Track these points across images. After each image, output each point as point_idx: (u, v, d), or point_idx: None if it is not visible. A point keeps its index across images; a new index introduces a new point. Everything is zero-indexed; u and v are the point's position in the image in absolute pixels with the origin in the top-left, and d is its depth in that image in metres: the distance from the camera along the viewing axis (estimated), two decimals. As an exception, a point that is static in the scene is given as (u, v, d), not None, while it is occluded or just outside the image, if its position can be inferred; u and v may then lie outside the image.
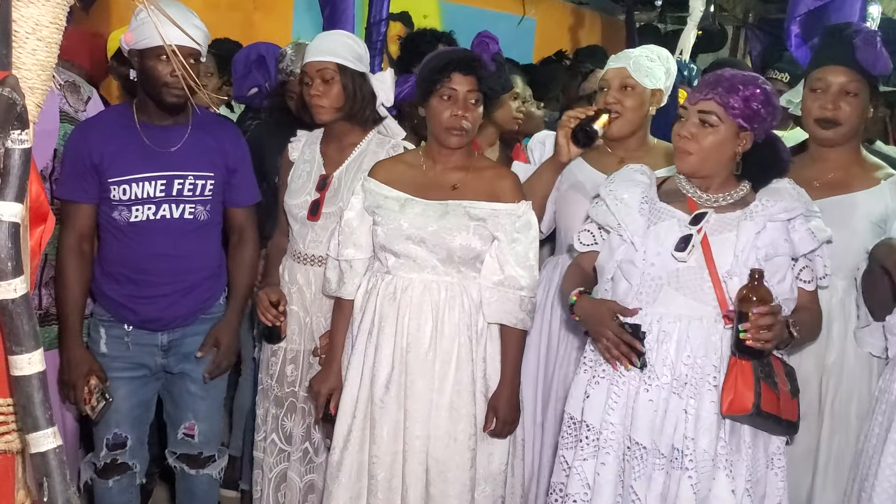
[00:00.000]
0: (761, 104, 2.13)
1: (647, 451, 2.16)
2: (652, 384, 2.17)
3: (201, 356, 2.70)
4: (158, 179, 2.56)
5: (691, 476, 2.10)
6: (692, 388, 2.13)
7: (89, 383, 2.54)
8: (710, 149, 2.15)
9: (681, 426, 2.13)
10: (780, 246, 2.13)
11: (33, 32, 1.10)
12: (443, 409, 2.41)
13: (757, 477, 2.16)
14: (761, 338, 2.00)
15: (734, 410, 2.05)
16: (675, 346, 2.15)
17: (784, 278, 2.14)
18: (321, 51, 2.67)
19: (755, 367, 2.06)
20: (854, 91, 2.51)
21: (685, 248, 2.13)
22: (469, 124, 2.40)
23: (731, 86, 2.13)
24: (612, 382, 2.22)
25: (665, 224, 2.20)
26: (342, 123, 2.73)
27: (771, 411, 2.06)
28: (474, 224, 2.40)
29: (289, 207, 2.78)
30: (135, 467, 2.72)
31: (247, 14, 5.57)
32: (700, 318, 2.15)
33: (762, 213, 2.13)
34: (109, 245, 2.62)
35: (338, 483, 2.46)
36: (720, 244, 2.15)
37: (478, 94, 2.40)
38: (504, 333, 2.48)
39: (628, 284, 2.21)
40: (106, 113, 2.75)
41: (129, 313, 2.63)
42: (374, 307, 2.46)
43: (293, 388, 2.78)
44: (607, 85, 2.78)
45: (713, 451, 2.11)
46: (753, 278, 2.02)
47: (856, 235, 2.48)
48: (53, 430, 1.05)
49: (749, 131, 2.15)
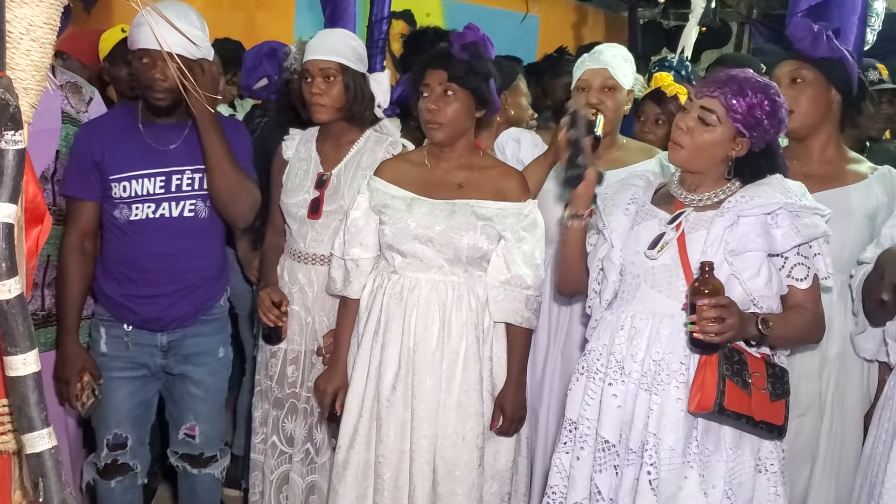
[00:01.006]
0: (766, 115, 2.09)
1: (610, 445, 2.16)
2: (616, 380, 2.17)
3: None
4: (157, 176, 2.58)
5: (650, 472, 2.08)
6: (659, 384, 2.11)
7: (82, 380, 2.56)
8: (703, 147, 2.13)
9: (647, 422, 2.12)
10: (751, 241, 2.09)
11: (27, 33, 1.10)
12: (451, 408, 2.41)
13: (741, 480, 2.11)
14: (709, 330, 1.95)
15: (699, 408, 2.03)
16: (645, 342, 2.15)
17: (757, 274, 2.09)
18: (324, 49, 2.67)
19: (720, 364, 2.02)
20: (801, 78, 2.56)
21: (657, 245, 2.13)
22: (445, 117, 2.39)
23: (739, 89, 2.09)
24: (588, 378, 2.23)
25: (646, 224, 2.21)
26: (340, 122, 2.72)
27: (738, 410, 2.02)
28: (481, 223, 2.40)
29: (286, 206, 2.77)
30: (136, 467, 2.72)
31: (249, 13, 5.58)
32: (672, 315, 2.13)
33: (734, 208, 2.11)
34: (111, 244, 2.64)
35: (344, 482, 2.46)
36: (694, 241, 2.14)
37: (453, 87, 2.38)
38: (510, 332, 2.49)
39: (607, 282, 2.24)
40: (112, 112, 2.80)
41: (128, 313, 2.63)
42: (381, 307, 2.46)
43: (294, 389, 2.77)
44: (587, 85, 2.80)
45: (682, 449, 2.08)
46: (704, 270, 1.99)
47: (850, 229, 2.51)
48: (49, 430, 1.05)
49: (746, 138, 2.12)
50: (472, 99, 2.42)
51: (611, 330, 2.22)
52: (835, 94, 2.58)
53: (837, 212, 2.42)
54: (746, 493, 2.12)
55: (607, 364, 2.19)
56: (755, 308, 2.10)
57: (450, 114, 2.39)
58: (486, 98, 2.43)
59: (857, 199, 2.54)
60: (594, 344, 2.26)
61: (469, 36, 2.41)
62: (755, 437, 2.13)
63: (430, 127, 2.41)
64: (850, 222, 2.51)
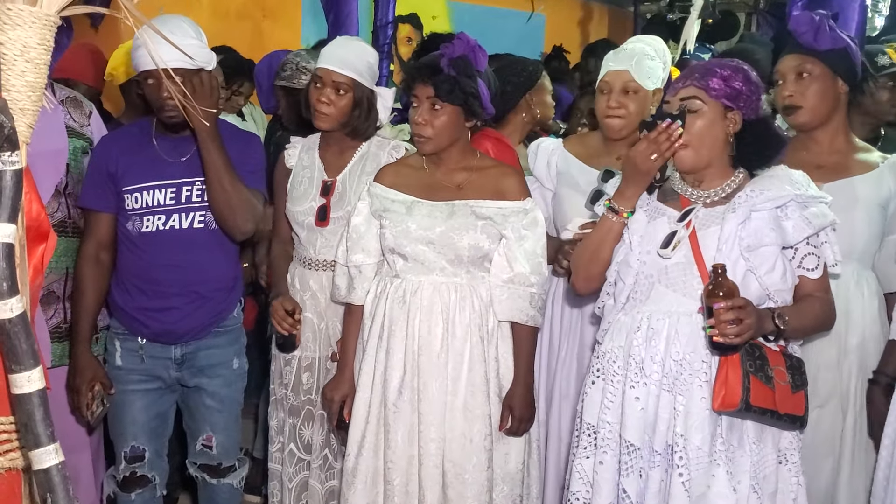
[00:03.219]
0: (742, 82, 2.12)
1: (636, 448, 2.14)
2: (638, 382, 2.15)
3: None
4: (168, 187, 2.61)
5: (682, 473, 2.07)
6: (682, 384, 2.10)
7: (93, 389, 2.59)
8: (702, 134, 2.12)
9: (673, 423, 2.11)
10: (766, 236, 2.09)
11: (21, 54, 1.11)
12: (457, 410, 2.41)
13: (765, 473, 2.11)
14: (728, 332, 1.96)
15: (725, 406, 2.03)
16: (664, 342, 2.13)
17: (773, 269, 2.09)
18: (342, 61, 2.68)
19: (744, 361, 2.02)
20: (808, 72, 2.54)
21: (669, 244, 2.12)
22: (431, 131, 2.39)
23: (706, 70, 2.14)
24: (606, 381, 2.21)
25: (656, 222, 2.20)
26: (341, 133, 2.75)
27: (764, 406, 2.02)
28: (482, 223, 2.41)
29: (293, 214, 2.78)
30: (154, 479, 2.73)
31: (256, 22, 5.60)
32: (689, 314, 2.12)
33: (745, 203, 2.10)
34: (124, 257, 2.67)
35: (353, 489, 2.46)
36: (707, 238, 2.13)
37: (440, 102, 2.38)
38: (515, 331, 2.48)
39: (623, 284, 2.20)
40: (129, 126, 2.86)
41: (141, 326, 2.65)
42: (384, 311, 2.46)
43: (310, 396, 2.77)
44: (608, 88, 2.73)
45: (708, 448, 2.08)
46: (717, 273, 1.99)
47: (861, 218, 2.50)
48: (55, 446, 1.06)
49: (736, 110, 2.13)
50: (461, 111, 2.42)
51: (626, 331, 2.20)
52: (841, 85, 2.57)
53: (846, 202, 2.43)
54: (771, 486, 2.12)
55: (626, 366, 2.17)
56: (770, 302, 2.10)
57: (437, 127, 2.40)
58: (475, 110, 2.43)
59: (866, 189, 2.53)
60: (608, 346, 2.23)
61: (459, 48, 2.39)
62: (776, 430, 2.13)
63: (418, 140, 2.43)
64: (858, 211, 2.50)
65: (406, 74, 2.47)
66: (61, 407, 2.63)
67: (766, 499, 2.11)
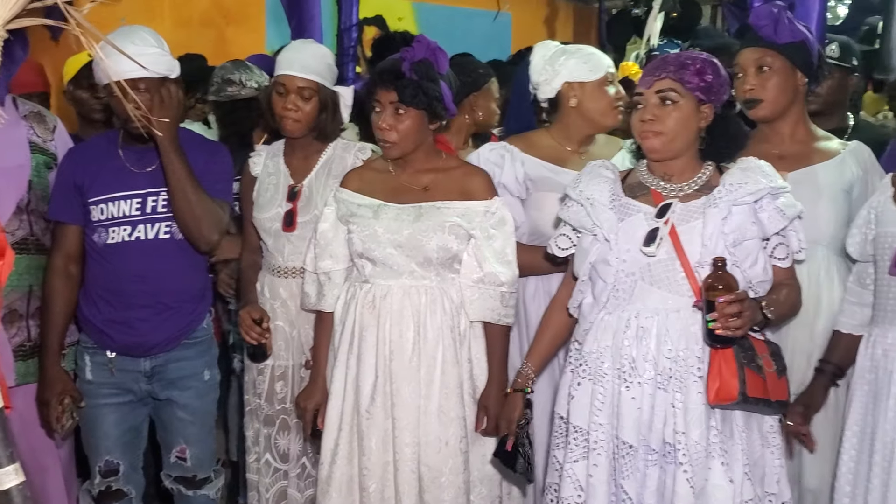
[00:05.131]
0: (713, 75, 2.15)
1: (634, 449, 2.14)
2: (633, 381, 2.14)
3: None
4: (133, 198, 2.60)
5: (686, 470, 2.08)
6: (677, 381, 2.10)
7: (63, 402, 2.58)
8: (677, 126, 2.14)
9: (670, 421, 2.11)
10: (748, 230, 2.11)
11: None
12: (432, 414, 2.39)
13: (754, 459, 2.14)
14: (730, 325, 1.99)
15: (721, 399, 2.04)
16: (654, 340, 2.13)
17: (756, 261, 2.13)
18: (304, 66, 2.67)
19: (737, 354, 2.05)
20: (767, 65, 2.57)
21: (652, 242, 2.12)
22: (396, 136, 2.38)
23: (680, 63, 2.16)
24: (594, 382, 2.19)
25: (632, 219, 2.19)
26: (308, 136, 2.74)
27: (758, 395, 2.05)
28: (449, 224, 2.40)
29: (259, 222, 2.76)
30: (130, 493, 2.71)
31: (219, 29, 5.56)
32: (678, 310, 2.13)
33: (726, 198, 2.11)
34: (91, 269, 2.65)
35: (328, 498, 2.44)
36: (688, 233, 2.13)
37: (404, 106, 2.36)
38: (488, 331, 2.48)
39: (604, 283, 2.19)
40: (97, 137, 2.84)
41: (109, 339, 2.63)
42: (354, 317, 2.44)
43: (284, 405, 2.76)
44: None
45: (705, 442, 2.09)
46: (717, 266, 2.02)
47: (825, 205, 2.54)
48: (15, 466, 1.04)
49: (708, 103, 2.16)
50: (425, 115, 2.40)
51: (612, 331, 2.18)
52: (800, 77, 2.60)
53: (809, 190, 2.47)
54: (759, 471, 2.15)
55: (619, 366, 2.16)
56: (752, 293, 2.13)
57: (402, 132, 2.38)
58: (438, 113, 2.42)
59: (829, 176, 2.57)
60: (593, 346, 2.20)
61: (420, 51, 2.38)
62: (759, 416, 2.16)
63: (383, 145, 2.42)
64: (823, 198, 2.54)
65: (369, 79, 2.46)
66: (29, 424, 2.60)
67: (758, 483, 2.13)
